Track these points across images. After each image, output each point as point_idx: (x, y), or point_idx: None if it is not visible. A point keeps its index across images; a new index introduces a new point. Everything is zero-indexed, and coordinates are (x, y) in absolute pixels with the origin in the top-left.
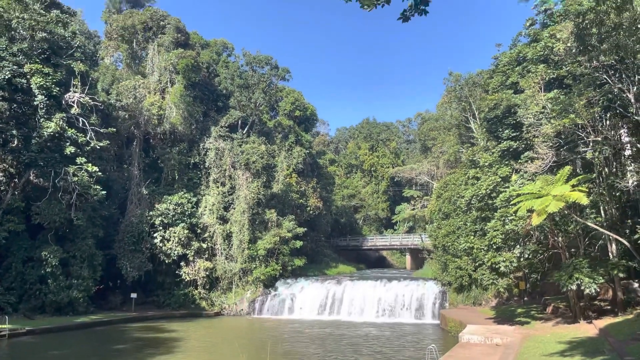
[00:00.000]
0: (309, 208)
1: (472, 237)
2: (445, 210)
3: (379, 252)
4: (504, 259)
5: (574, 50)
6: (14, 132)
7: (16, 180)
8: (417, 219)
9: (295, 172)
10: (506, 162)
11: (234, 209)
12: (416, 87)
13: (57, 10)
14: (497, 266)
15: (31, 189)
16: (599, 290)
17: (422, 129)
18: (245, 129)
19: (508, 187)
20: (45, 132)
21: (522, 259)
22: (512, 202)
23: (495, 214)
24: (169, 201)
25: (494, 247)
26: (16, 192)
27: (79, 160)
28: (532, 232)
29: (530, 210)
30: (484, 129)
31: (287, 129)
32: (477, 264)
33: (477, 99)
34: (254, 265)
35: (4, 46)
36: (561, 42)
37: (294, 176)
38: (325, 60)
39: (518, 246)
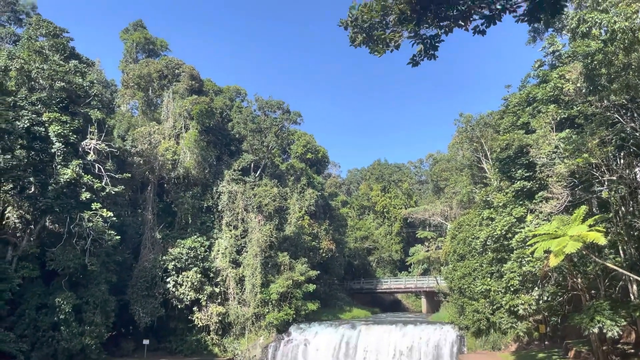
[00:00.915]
0: (321, 250)
1: (488, 279)
2: (460, 252)
3: (393, 295)
4: (523, 302)
5: (584, 91)
6: (31, 179)
7: (32, 226)
8: (432, 261)
9: (307, 214)
10: (520, 203)
11: (247, 252)
12: (426, 128)
13: (76, 60)
14: (515, 309)
15: (46, 235)
16: (621, 332)
17: (434, 169)
18: (258, 172)
19: (523, 227)
20: (61, 179)
21: (541, 302)
22: (528, 243)
23: (512, 255)
24: (182, 245)
25: (512, 289)
26: (32, 239)
27: (94, 205)
28: (550, 274)
29: (547, 251)
30: (497, 169)
31: (299, 171)
32: (494, 307)
33: (489, 140)
34: (267, 310)
35: (24, 96)
36: (571, 82)
37: (306, 218)
38: (335, 103)
39: (536, 288)
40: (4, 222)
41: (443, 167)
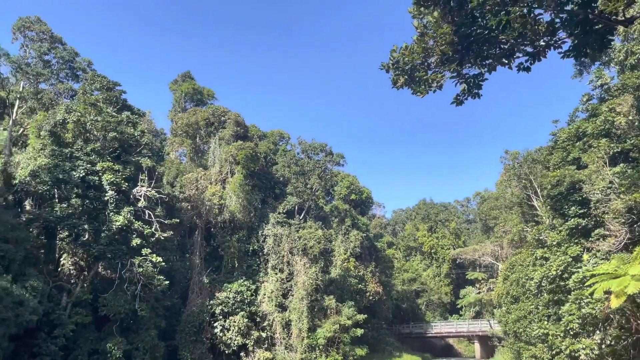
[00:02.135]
0: (368, 293)
1: (545, 322)
2: (513, 294)
3: (444, 340)
4: (584, 346)
5: (636, 123)
6: (86, 226)
7: (86, 273)
8: (484, 303)
9: (352, 256)
10: (575, 241)
11: (293, 295)
12: (472, 166)
13: (128, 111)
14: (576, 354)
15: (99, 281)
16: None
17: (482, 208)
18: (302, 215)
19: (580, 267)
20: (114, 226)
21: (604, 346)
22: (586, 284)
23: (569, 296)
24: (229, 289)
25: (571, 332)
26: (85, 285)
27: (144, 251)
28: (612, 316)
29: (608, 292)
30: (548, 207)
31: (343, 212)
32: (554, 352)
33: (538, 176)
34: (314, 355)
35: (80, 147)
36: (622, 115)
37: (351, 260)
38: (379, 143)
39: (598, 332)
40: (59, 269)
41: (491, 206)
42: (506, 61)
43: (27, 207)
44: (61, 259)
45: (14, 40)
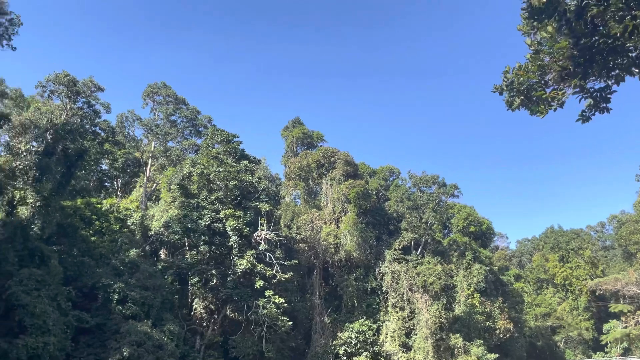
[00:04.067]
0: (497, 331)
1: None
2: None
3: None
4: None
5: None
6: (213, 271)
7: (215, 316)
8: (633, 338)
9: (477, 291)
10: None
11: (416, 334)
12: (601, 188)
13: (245, 160)
14: None
15: (227, 323)
16: None
17: (621, 232)
18: (419, 250)
19: None
20: (238, 269)
21: None
22: None
23: None
24: (351, 329)
25: None
26: (215, 327)
27: (267, 293)
28: None
29: None
30: None
31: (462, 246)
32: None
33: None
34: None
35: (205, 197)
36: None
37: (476, 296)
38: (496, 170)
39: None
40: (192, 313)
41: (631, 230)
42: (636, 70)
43: (162, 256)
44: (193, 303)
45: (145, 105)
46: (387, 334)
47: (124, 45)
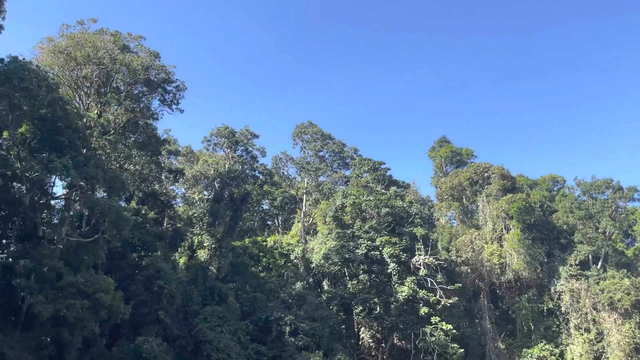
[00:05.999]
0: None
1: None
2: None
3: None
4: None
5: None
6: (376, 299)
7: (383, 344)
8: None
9: None
10: None
11: (607, 358)
12: None
13: (394, 186)
14: None
15: (396, 352)
16: None
17: None
18: (599, 263)
19: None
20: (400, 296)
21: None
22: None
23: None
24: (530, 355)
25: None
26: (384, 357)
27: (433, 319)
28: None
29: None
30: None
31: None
32: None
33: None
34: None
35: (359, 226)
36: None
37: None
38: None
39: None
40: (360, 342)
41: None
42: None
43: (325, 287)
44: (360, 333)
45: (295, 145)
46: (573, 359)
47: (266, 90)
